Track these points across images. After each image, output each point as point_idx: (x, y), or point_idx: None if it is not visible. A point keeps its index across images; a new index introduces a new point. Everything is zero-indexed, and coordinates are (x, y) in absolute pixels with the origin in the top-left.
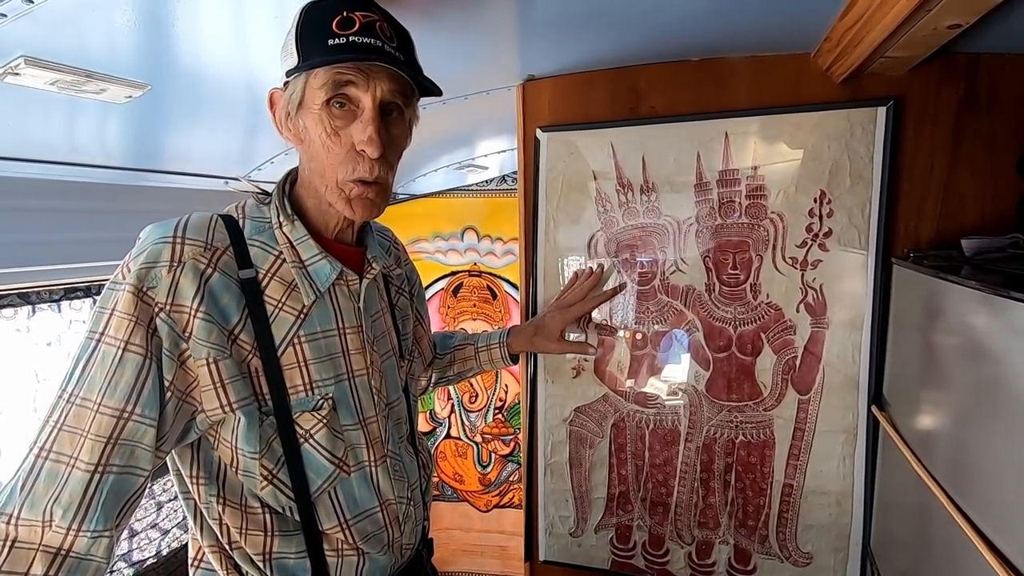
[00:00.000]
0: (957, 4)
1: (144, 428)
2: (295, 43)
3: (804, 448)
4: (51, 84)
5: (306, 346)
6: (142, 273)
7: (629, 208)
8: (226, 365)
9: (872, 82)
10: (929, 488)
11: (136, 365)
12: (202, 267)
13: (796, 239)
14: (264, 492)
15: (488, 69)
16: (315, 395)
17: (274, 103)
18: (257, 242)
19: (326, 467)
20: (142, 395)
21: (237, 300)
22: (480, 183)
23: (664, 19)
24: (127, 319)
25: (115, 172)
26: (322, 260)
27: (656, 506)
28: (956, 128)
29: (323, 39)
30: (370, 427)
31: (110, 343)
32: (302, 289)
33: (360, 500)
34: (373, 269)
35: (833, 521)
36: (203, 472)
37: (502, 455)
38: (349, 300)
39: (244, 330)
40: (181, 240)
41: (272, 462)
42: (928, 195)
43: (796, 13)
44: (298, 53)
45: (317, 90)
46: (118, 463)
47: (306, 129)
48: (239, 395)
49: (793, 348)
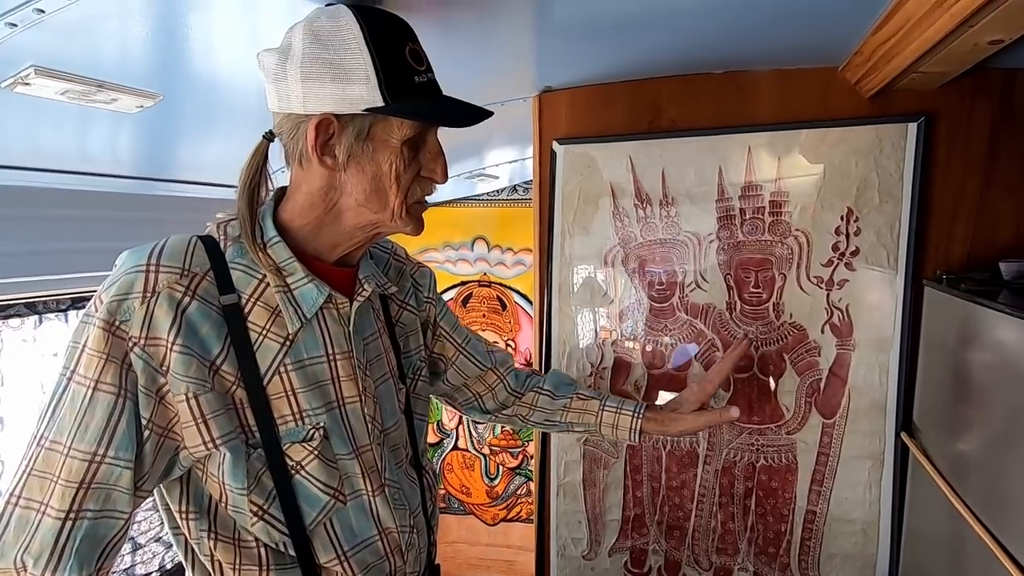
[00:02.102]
0: (1002, 20)
1: (119, 470)
2: (374, 72)
3: (828, 474)
4: (62, 94)
5: (293, 374)
6: (113, 306)
7: (648, 223)
8: (207, 399)
9: (902, 97)
10: (963, 518)
11: (108, 405)
12: (178, 296)
13: (821, 257)
14: (256, 528)
15: (504, 80)
16: (305, 425)
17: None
18: (240, 265)
19: (320, 498)
20: (115, 436)
21: (218, 328)
22: (491, 192)
23: (686, 31)
24: (97, 356)
25: (126, 181)
26: (308, 284)
27: (673, 530)
28: (990, 146)
29: (407, 75)
30: (364, 456)
31: (80, 382)
32: (286, 315)
33: (358, 530)
34: (364, 291)
35: (858, 551)
36: (193, 507)
37: (510, 468)
38: (339, 324)
39: (227, 360)
40: (155, 268)
41: (262, 497)
42: (960, 215)
43: (825, 26)
44: (380, 88)
45: (399, 128)
46: (92, 508)
47: (373, 160)
48: (222, 430)
49: (817, 370)
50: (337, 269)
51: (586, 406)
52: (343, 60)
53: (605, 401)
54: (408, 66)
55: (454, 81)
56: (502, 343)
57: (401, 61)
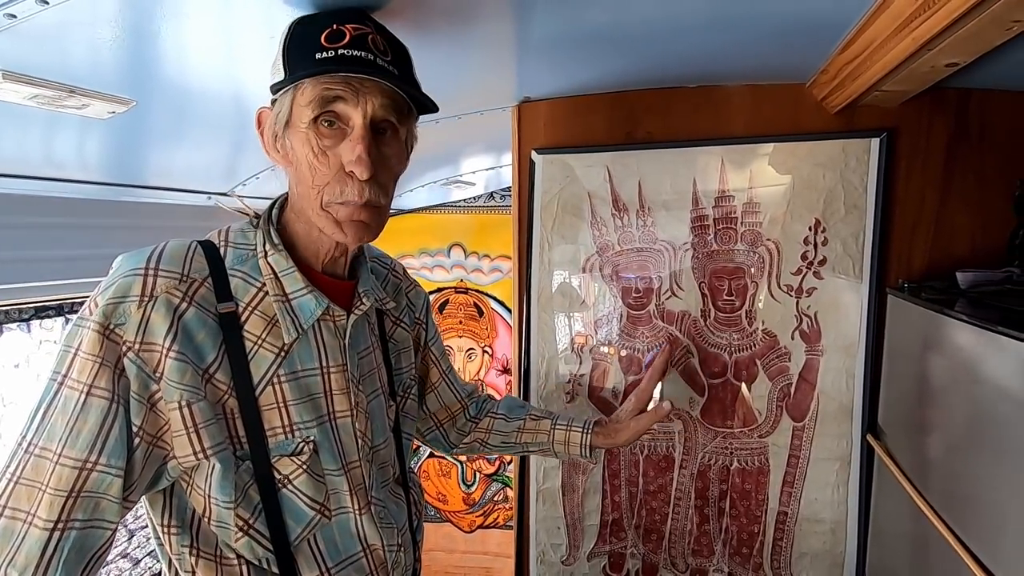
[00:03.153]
0: (958, 45)
1: (110, 479)
2: (282, 58)
3: (799, 475)
4: (31, 99)
5: (286, 386)
6: (109, 309)
7: (625, 231)
8: (200, 408)
9: (866, 113)
10: (926, 517)
11: (101, 411)
12: (176, 301)
13: (791, 267)
14: (239, 544)
15: (483, 89)
16: (295, 438)
17: (262, 122)
18: (239, 273)
19: (306, 513)
20: (107, 443)
21: (214, 336)
22: (468, 199)
23: (662, 46)
24: (92, 360)
25: (95, 187)
26: (307, 295)
27: (650, 533)
28: (947, 161)
29: (311, 53)
30: (353, 473)
31: (73, 387)
32: (283, 325)
33: (343, 547)
34: (363, 304)
35: (827, 549)
36: (175, 521)
37: (487, 474)
38: (335, 337)
39: (220, 368)
40: (154, 272)
41: (248, 511)
42: (920, 226)
43: (794, 46)
44: (285, 68)
45: (304, 107)
46: (81, 518)
47: (293, 149)
48: (213, 440)
49: (788, 375)
50: (336, 281)
51: (538, 426)
52: (276, 57)
53: (556, 420)
54: (316, 44)
55: (435, 90)
56: (479, 350)
57: (310, 42)
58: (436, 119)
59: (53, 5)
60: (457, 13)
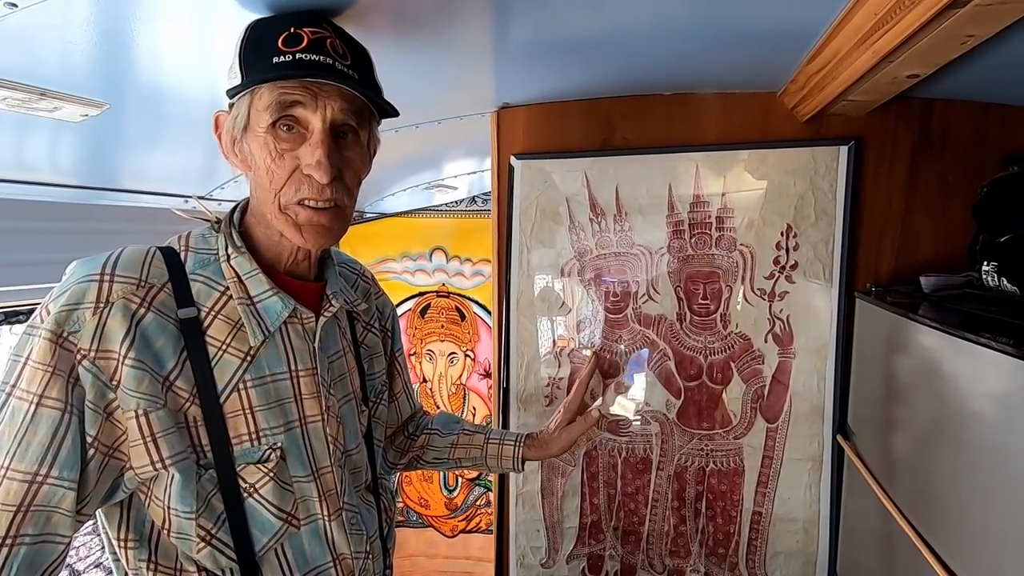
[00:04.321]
0: (917, 57)
1: (62, 491)
2: (239, 62)
3: (772, 476)
4: (1, 102)
5: (252, 391)
6: (62, 316)
7: (602, 236)
8: (158, 417)
9: (835, 122)
10: (892, 516)
11: (52, 422)
12: (134, 307)
13: (764, 271)
14: (201, 555)
15: (462, 95)
16: (261, 445)
17: (219, 126)
18: (200, 277)
19: (273, 523)
20: (59, 455)
21: (174, 342)
22: (450, 203)
23: (635, 55)
24: (42, 370)
25: (68, 191)
26: (272, 296)
27: (628, 535)
28: (911, 168)
29: (268, 57)
30: (324, 478)
31: (22, 397)
32: (249, 328)
33: (311, 556)
34: (332, 306)
35: (800, 548)
36: (133, 534)
37: (469, 479)
38: (303, 340)
39: (181, 375)
40: (110, 278)
41: (211, 521)
42: (887, 231)
43: (764, 56)
44: (241, 72)
45: (262, 112)
46: (31, 532)
47: (252, 154)
48: (173, 450)
49: (762, 377)
50: (304, 284)
51: (471, 440)
52: (232, 61)
53: (489, 435)
54: (273, 48)
55: (414, 95)
56: (461, 354)
57: (266, 46)
58: (416, 124)
59: (23, 7)
60: (434, 18)
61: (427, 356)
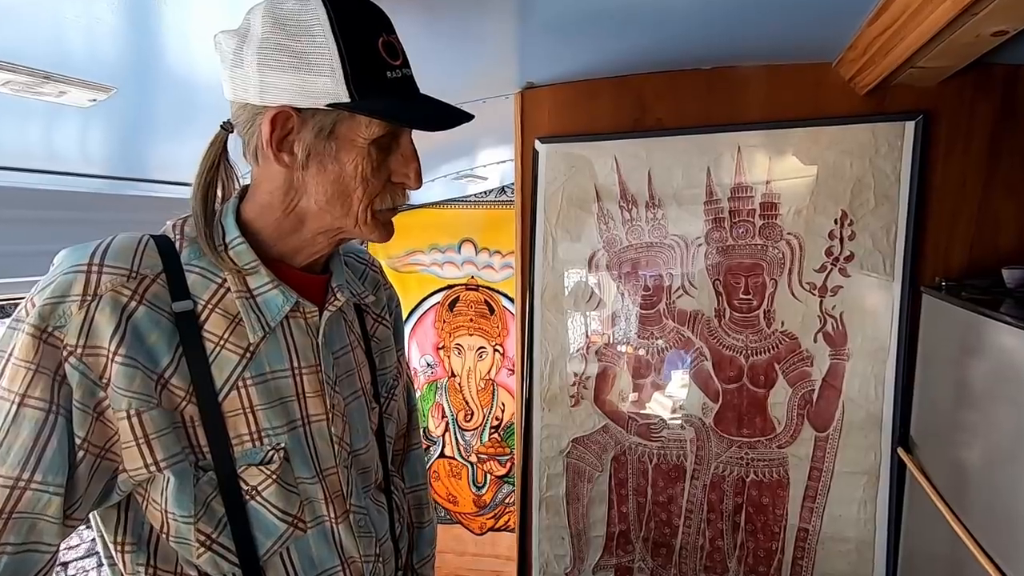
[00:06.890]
0: (1007, 7)
1: (47, 497)
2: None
3: (821, 490)
4: (3, 85)
5: (252, 389)
6: (47, 310)
7: (633, 225)
8: (151, 417)
9: (899, 94)
10: (962, 540)
11: (35, 423)
12: (124, 300)
13: (814, 263)
14: (202, 560)
15: (485, 76)
16: (264, 446)
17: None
18: (196, 268)
19: (277, 526)
20: (44, 458)
21: (169, 337)
22: (479, 194)
23: (673, 25)
24: (25, 367)
25: (90, 180)
26: (273, 290)
27: (659, 547)
28: (991, 146)
29: (378, 70)
30: (329, 480)
31: (3, 396)
32: (248, 323)
33: (318, 560)
34: (337, 300)
35: (852, 571)
36: (130, 538)
37: (498, 476)
38: (307, 335)
39: (177, 373)
40: (98, 268)
41: (211, 525)
42: (960, 218)
43: (817, 19)
44: (347, 81)
45: (367, 127)
46: (13, 541)
47: (334, 159)
48: (167, 452)
49: (810, 381)
50: (307, 275)
51: None
52: (306, 48)
53: None
54: (380, 60)
55: (434, 75)
56: (490, 348)
57: (372, 54)
58: None
59: None
60: None
61: (456, 350)
